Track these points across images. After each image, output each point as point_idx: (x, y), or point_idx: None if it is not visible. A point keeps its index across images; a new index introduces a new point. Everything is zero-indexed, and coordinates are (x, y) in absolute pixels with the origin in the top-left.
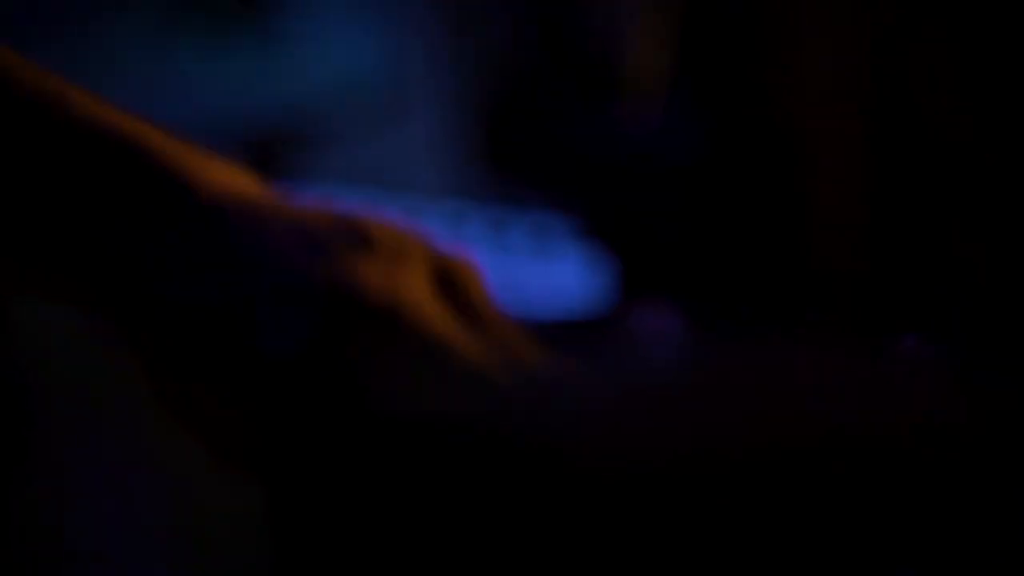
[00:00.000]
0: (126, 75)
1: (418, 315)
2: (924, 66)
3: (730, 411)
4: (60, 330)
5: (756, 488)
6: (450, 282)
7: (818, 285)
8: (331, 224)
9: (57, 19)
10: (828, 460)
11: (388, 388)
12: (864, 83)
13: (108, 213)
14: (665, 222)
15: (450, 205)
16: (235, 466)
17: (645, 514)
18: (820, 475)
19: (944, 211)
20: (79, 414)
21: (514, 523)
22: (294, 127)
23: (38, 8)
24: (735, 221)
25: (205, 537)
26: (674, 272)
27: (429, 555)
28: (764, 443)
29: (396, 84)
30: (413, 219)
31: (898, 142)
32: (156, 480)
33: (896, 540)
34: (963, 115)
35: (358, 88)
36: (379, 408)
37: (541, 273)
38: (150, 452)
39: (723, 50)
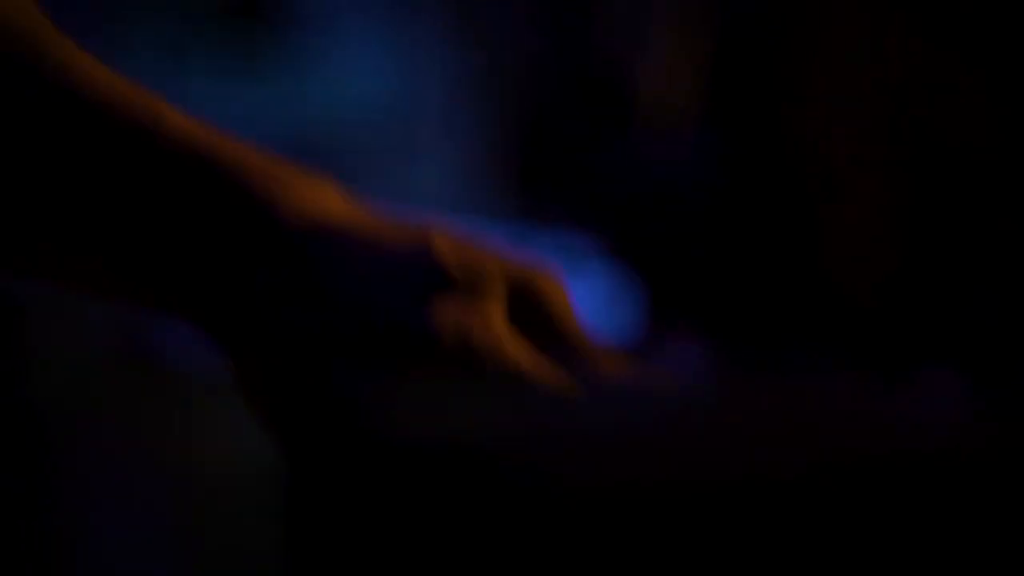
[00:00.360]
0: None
1: (492, 356)
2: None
3: (751, 439)
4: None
5: (774, 518)
6: (530, 299)
7: (842, 312)
8: (413, 256)
9: (74, 37)
10: (847, 490)
11: (418, 420)
12: (888, 114)
13: (193, 234)
14: (690, 246)
15: (474, 222)
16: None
17: (656, 548)
18: (839, 505)
19: (969, 241)
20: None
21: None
22: (316, 146)
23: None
24: (760, 247)
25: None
26: (699, 296)
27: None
28: (782, 472)
29: (423, 104)
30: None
31: (923, 171)
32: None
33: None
34: (988, 142)
35: (383, 108)
36: (393, 436)
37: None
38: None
39: (748, 78)
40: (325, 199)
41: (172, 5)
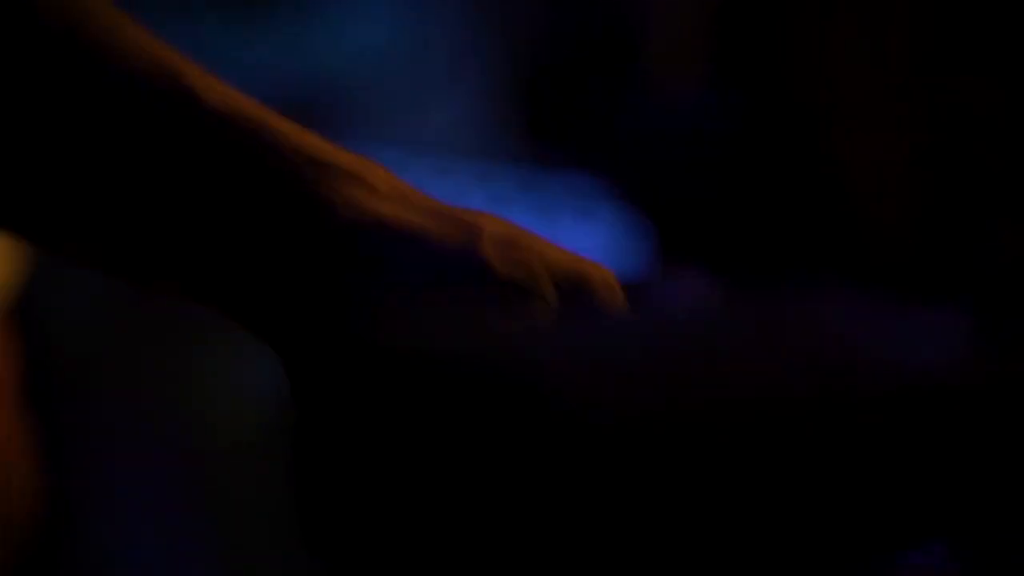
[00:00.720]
0: None
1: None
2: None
3: (755, 361)
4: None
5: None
6: (581, 299)
7: (857, 249)
8: (461, 254)
9: None
10: (852, 415)
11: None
12: (907, 47)
13: (237, 221)
14: (702, 188)
15: (484, 165)
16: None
17: (653, 467)
18: (842, 432)
19: (987, 176)
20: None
21: (506, 464)
22: (327, 92)
23: None
24: (774, 186)
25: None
26: (711, 238)
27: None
28: (786, 395)
29: (431, 49)
30: (448, 179)
31: (942, 107)
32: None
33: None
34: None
35: (391, 53)
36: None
37: (574, 233)
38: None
39: (763, 13)
40: (375, 186)
41: None
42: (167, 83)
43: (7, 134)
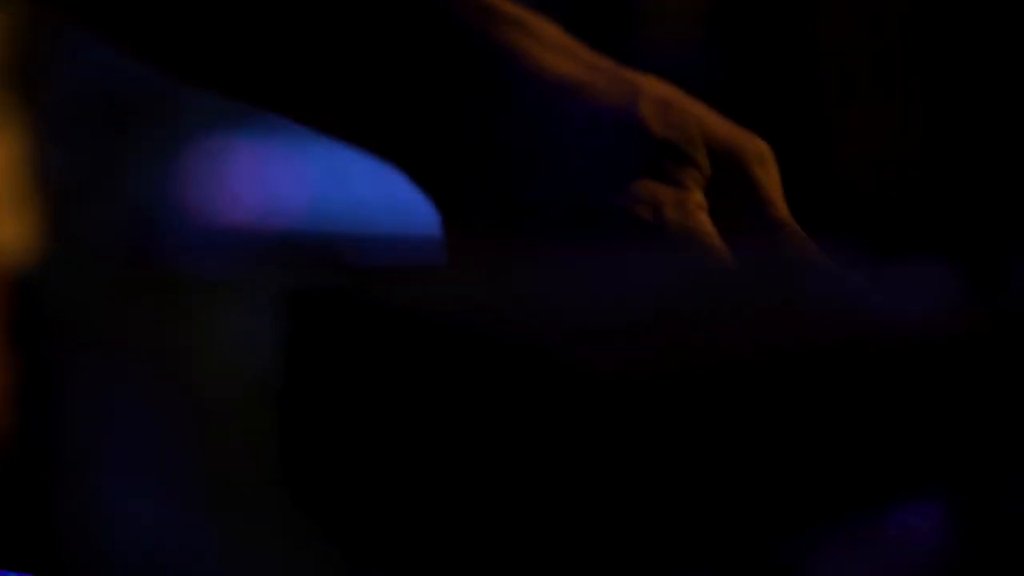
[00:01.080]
0: None
1: (679, 232)
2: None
3: (740, 315)
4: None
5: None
6: (734, 169)
7: (850, 206)
8: (620, 113)
9: None
10: (848, 367)
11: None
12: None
13: (406, 57)
14: None
15: None
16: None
17: (651, 426)
18: (838, 384)
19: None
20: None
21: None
22: None
23: None
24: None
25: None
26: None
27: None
28: (774, 351)
29: None
30: None
31: (937, 72)
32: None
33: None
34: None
35: None
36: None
37: None
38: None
39: None
40: (541, 37)
41: None
42: None
43: None
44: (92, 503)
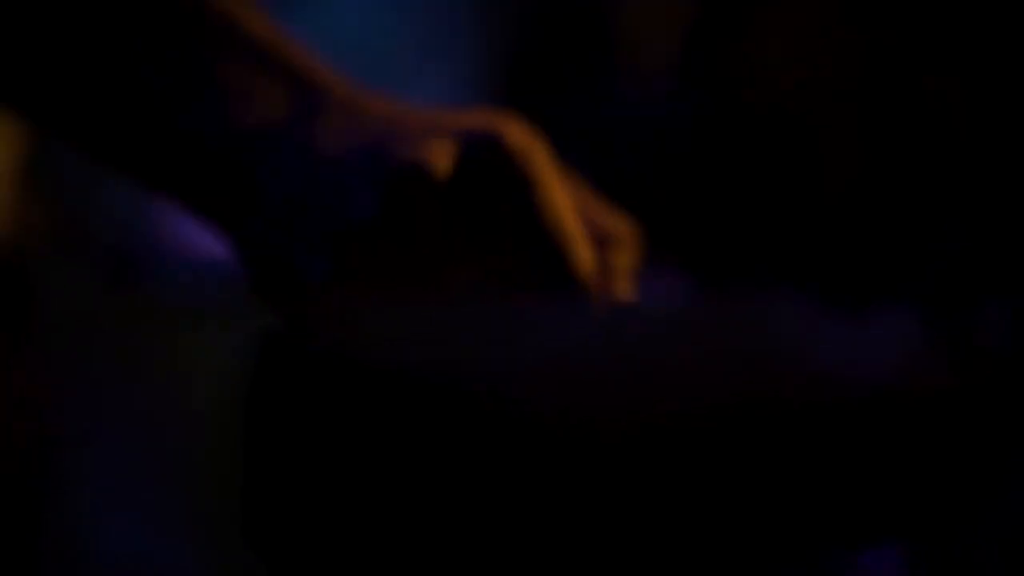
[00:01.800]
0: None
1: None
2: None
3: (716, 367)
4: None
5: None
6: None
7: (814, 247)
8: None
9: None
10: (812, 417)
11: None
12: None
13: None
14: (668, 184)
15: None
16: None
17: (620, 476)
18: (801, 433)
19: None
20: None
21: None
22: None
23: None
24: (735, 185)
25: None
26: (677, 233)
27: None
28: (746, 400)
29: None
30: None
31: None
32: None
33: (880, 507)
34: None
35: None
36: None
37: None
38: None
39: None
40: (367, 113)
41: None
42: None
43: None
44: (72, 528)
